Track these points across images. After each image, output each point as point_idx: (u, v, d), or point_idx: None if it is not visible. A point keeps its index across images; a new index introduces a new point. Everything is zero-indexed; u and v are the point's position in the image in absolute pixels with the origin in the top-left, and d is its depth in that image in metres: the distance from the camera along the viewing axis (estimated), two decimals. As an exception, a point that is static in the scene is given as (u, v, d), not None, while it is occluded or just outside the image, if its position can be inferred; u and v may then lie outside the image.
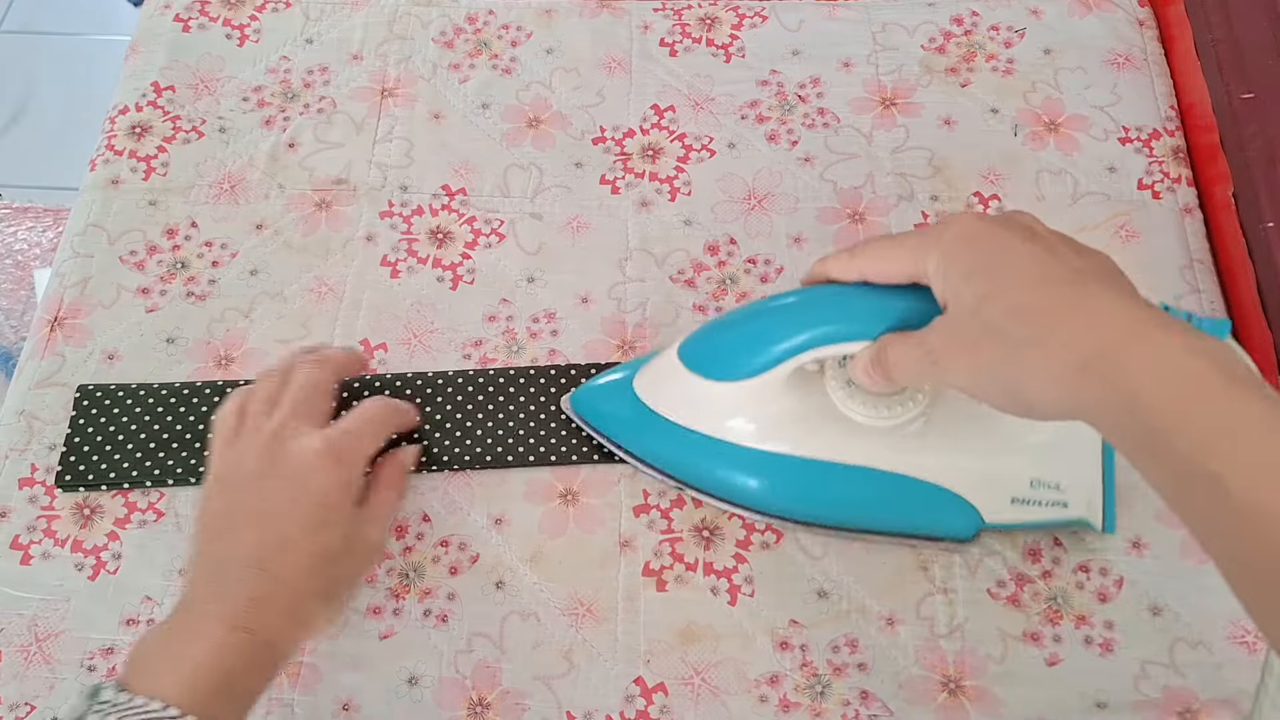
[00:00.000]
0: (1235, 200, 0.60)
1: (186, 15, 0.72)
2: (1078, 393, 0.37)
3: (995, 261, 0.40)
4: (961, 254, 0.41)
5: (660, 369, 0.51)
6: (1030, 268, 0.39)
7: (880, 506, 0.51)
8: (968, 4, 0.70)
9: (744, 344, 0.48)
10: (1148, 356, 0.36)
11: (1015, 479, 0.50)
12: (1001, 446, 0.50)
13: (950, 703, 0.50)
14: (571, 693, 0.51)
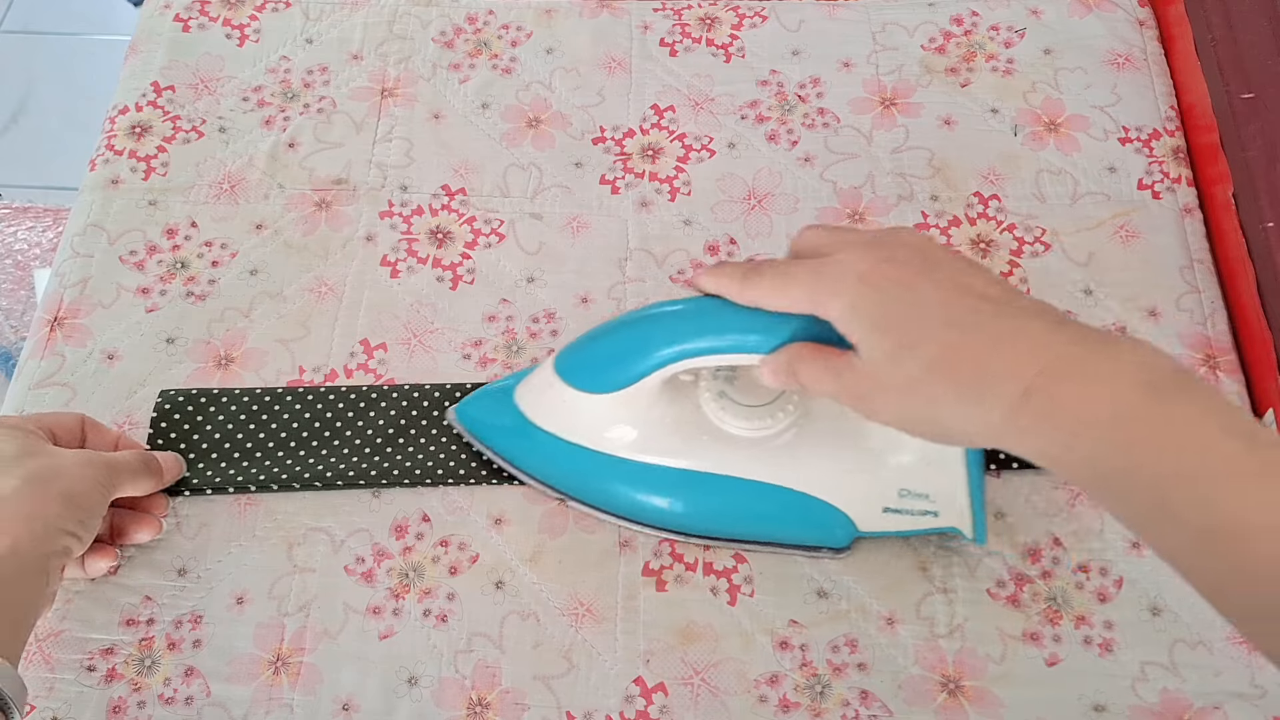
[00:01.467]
0: (1235, 200, 0.60)
1: (186, 15, 0.72)
2: (1015, 436, 0.37)
3: (902, 310, 0.38)
4: (865, 302, 0.39)
5: (538, 381, 0.51)
6: (938, 311, 0.38)
7: (756, 517, 0.52)
8: (968, 4, 0.70)
9: (615, 355, 0.48)
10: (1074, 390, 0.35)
11: (885, 489, 0.50)
12: (871, 458, 0.50)
13: (950, 703, 0.50)
14: (571, 693, 0.51)
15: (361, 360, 0.59)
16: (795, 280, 0.41)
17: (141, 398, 0.58)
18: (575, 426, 0.51)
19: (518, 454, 0.54)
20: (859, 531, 0.51)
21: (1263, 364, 0.56)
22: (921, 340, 0.38)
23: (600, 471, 0.52)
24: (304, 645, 0.52)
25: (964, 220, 0.62)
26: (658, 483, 0.51)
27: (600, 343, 0.49)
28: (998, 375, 0.36)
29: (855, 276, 0.39)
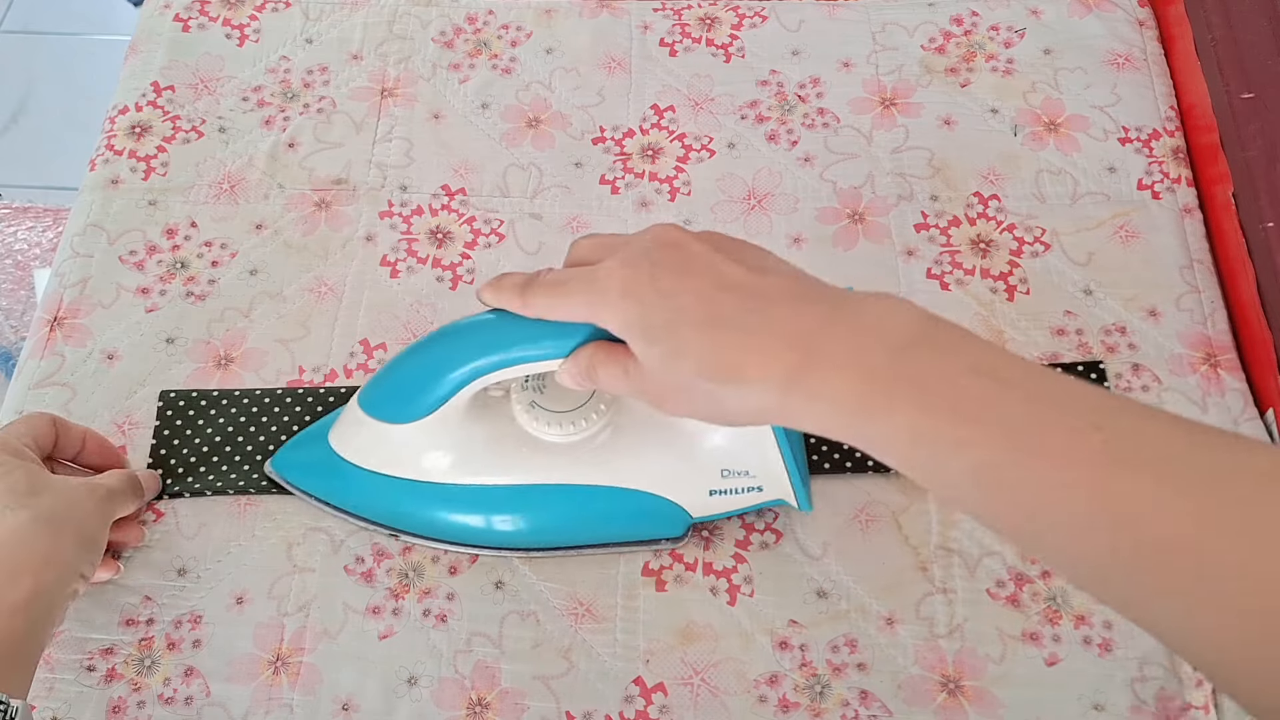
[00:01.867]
0: (1235, 200, 0.60)
1: (186, 15, 0.72)
2: (792, 418, 0.38)
3: (665, 318, 0.39)
4: (631, 316, 0.40)
5: (347, 421, 0.51)
6: (697, 313, 0.39)
7: (589, 520, 0.52)
8: (968, 4, 0.70)
9: (414, 382, 0.48)
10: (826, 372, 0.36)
11: (707, 473, 0.50)
12: (687, 445, 0.50)
13: (949, 703, 0.50)
14: (571, 692, 0.51)
15: (361, 360, 0.59)
16: (569, 293, 0.42)
17: (141, 398, 0.58)
18: (392, 460, 0.51)
19: (341, 496, 0.53)
20: (692, 518, 0.52)
21: (1263, 364, 0.56)
22: (687, 345, 0.39)
23: (425, 501, 0.51)
24: (304, 645, 0.52)
25: (964, 220, 0.62)
26: (485, 503, 0.51)
27: (398, 372, 0.49)
28: (760, 367, 0.38)
29: (618, 291, 0.40)
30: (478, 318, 0.46)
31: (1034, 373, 0.35)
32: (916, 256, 0.61)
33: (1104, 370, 0.57)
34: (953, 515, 0.54)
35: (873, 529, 0.54)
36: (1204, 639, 0.31)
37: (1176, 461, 0.32)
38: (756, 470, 0.50)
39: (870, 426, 0.36)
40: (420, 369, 0.48)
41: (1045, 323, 0.59)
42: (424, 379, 0.47)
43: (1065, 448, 0.32)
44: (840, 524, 0.54)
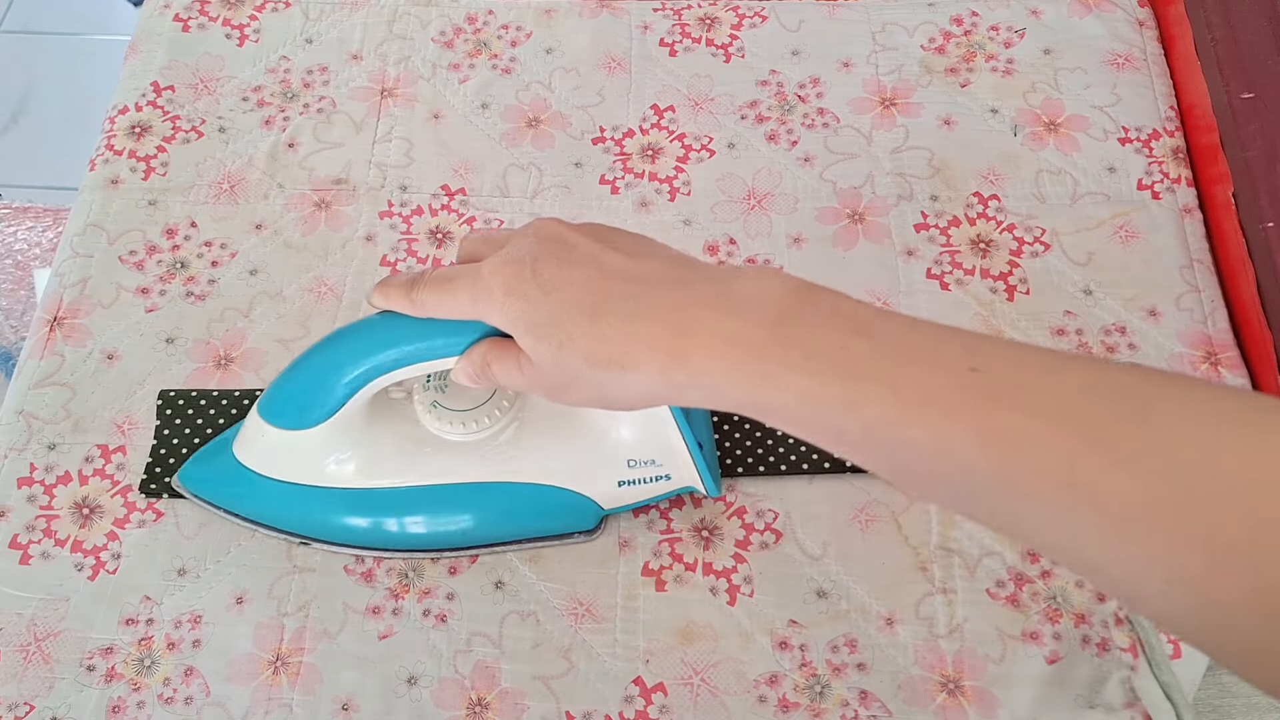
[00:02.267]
0: (1235, 200, 0.60)
1: (186, 15, 0.72)
2: (678, 396, 0.39)
3: (548, 313, 0.40)
4: (515, 314, 0.40)
5: (249, 430, 0.50)
6: (577, 305, 0.39)
7: (500, 518, 0.52)
8: (968, 4, 0.70)
9: (310, 388, 0.47)
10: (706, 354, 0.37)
11: (613, 464, 0.50)
12: (592, 436, 0.50)
13: (949, 703, 0.50)
14: (571, 692, 0.51)
15: (361, 360, 0.59)
16: (454, 291, 0.42)
17: (141, 398, 0.58)
18: (295, 467, 0.50)
19: (249, 507, 0.53)
20: (603, 510, 0.52)
21: (1263, 363, 0.56)
22: (572, 337, 0.39)
23: (332, 507, 0.51)
24: (303, 645, 0.52)
25: (964, 220, 0.62)
26: (392, 505, 0.51)
27: (294, 378, 0.48)
28: (644, 352, 0.38)
29: (502, 289, 0.41)
30: (372, 318, 0.45)
31: (909, 325, 0.36)
32: (916, 256, 0.61)
33: (1104, 370, 0.57)
34: (953, 515, 0.54)
35: (873, 529, 0.54)
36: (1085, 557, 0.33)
37: (1049, 393, 0.33)
38: (662, 459, 0.50)
39: (759, 397, 0.37)
40: (316, 374, 0.47)
41: (1045, 323, 0.59)
42: (320, 384, 0.47)
43: (946, 392, 0.34)
44: (840, 524, 0.54)
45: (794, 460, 0.55)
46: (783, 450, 0.55)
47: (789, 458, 0.55)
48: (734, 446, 0.56)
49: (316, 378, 0.47)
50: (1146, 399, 0.32)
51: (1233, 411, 0.31)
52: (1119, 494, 0.31)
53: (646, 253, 0.41)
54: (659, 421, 0.48)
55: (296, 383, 0.48)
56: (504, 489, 0.51)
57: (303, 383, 0.48)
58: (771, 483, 0.55)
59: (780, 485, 0.55)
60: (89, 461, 0.57)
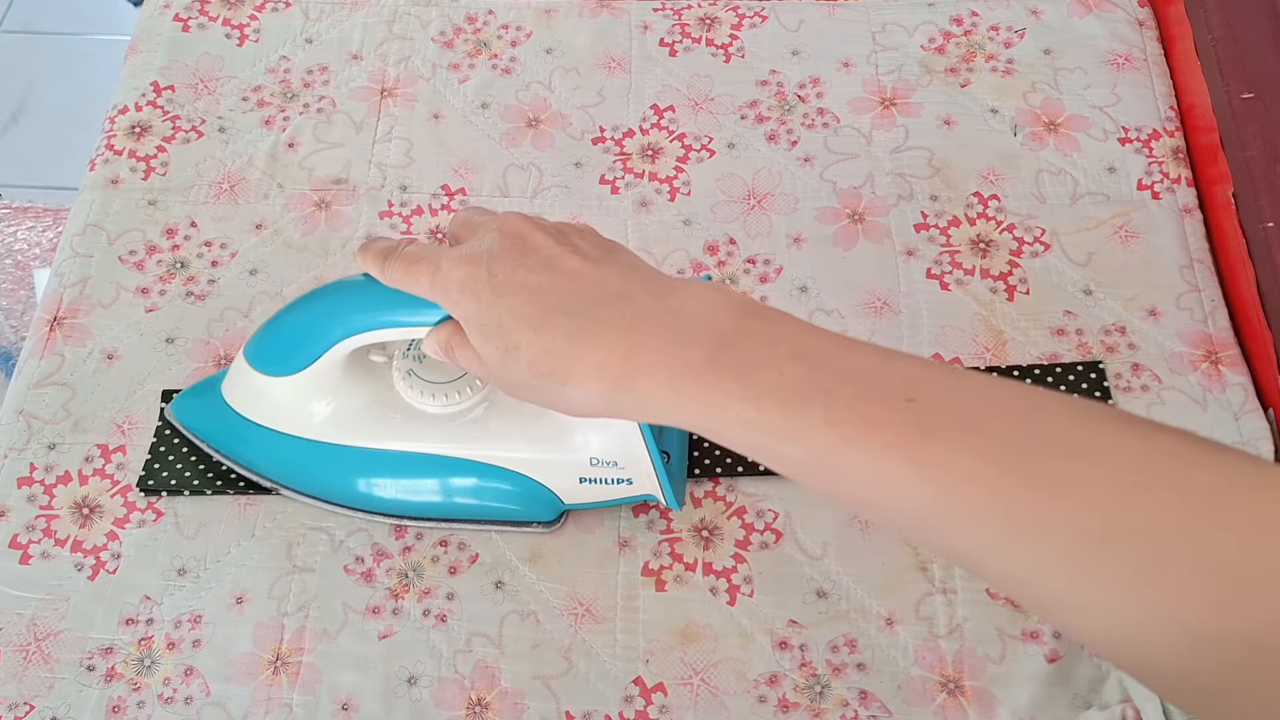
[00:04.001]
0: (1235, 200, 0.60)
1: (186, 15, 0.72)
2: (623, 413, 0.39)
3: (497, 317, 0.40)
4: (466, 310, 0.41)
5: (234, 370, 0.52)
6: (525, 313, 0.39)
7: (458, 494, 0.52)
8: (967, 4, 0.70)
9: (291, 336, 0.49)
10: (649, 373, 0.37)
11: (577, 460, 0.50)
12: (558, 429, 0.50)
13: (949, 703, 0.50)
14: (570, 693, 0.51)
15: (361, 360, 0.59)
16: (417, 276, 0.43)
17: (141, 398, 0.58)
18: (272, 412, 0.52)
19: (227, 445, 0.54)
20: (564, 504, 0.52)
21: (1263, 363, 0.56)
22: (517, 345, 0.39)
23: (301, 456, 0.52)
24: (303, 645, 0.52)
25: (964, 220, 0.62)
26: (359, 465, 0.52)
27: (278, 325, 0.50)
28: (587, 371, 0.38)
29: (457, 285, 0.41)
30: (356, 278, 0.46)
31: (847, 348, 0.36)
32: (916, 256, 0.61)
33: (1104, 370, 0.57)
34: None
35: (873, 529, 0.54)
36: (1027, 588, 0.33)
37: (985, 425, 0.33)
38: (625, 463, 0.50)
39: (704, 422, 0.37)
40: (297, 324, 0.49)
41: (1045, 323, 0.59)
42: (299, 334, 0.48)
43: (882, 422, 0.33)
44: (840, 524, 0.54)
45: None
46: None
47: None
48: (733, 446, 0.56)
49: (297, 328, 0.48)
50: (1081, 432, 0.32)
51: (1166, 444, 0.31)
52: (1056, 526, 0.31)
53: (605, 259, 0.41)
54: (624, 426, 0.48)
55: (279, 330, 0.49)
56: (466, 465, 0.51)
57: (284, 331, 0.49)
58: (771, 483, 0.55)
59: (780, 485, 0.55)
60: (89, 461, 0.57)
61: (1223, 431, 0.55)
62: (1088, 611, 0.31)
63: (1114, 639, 0.31)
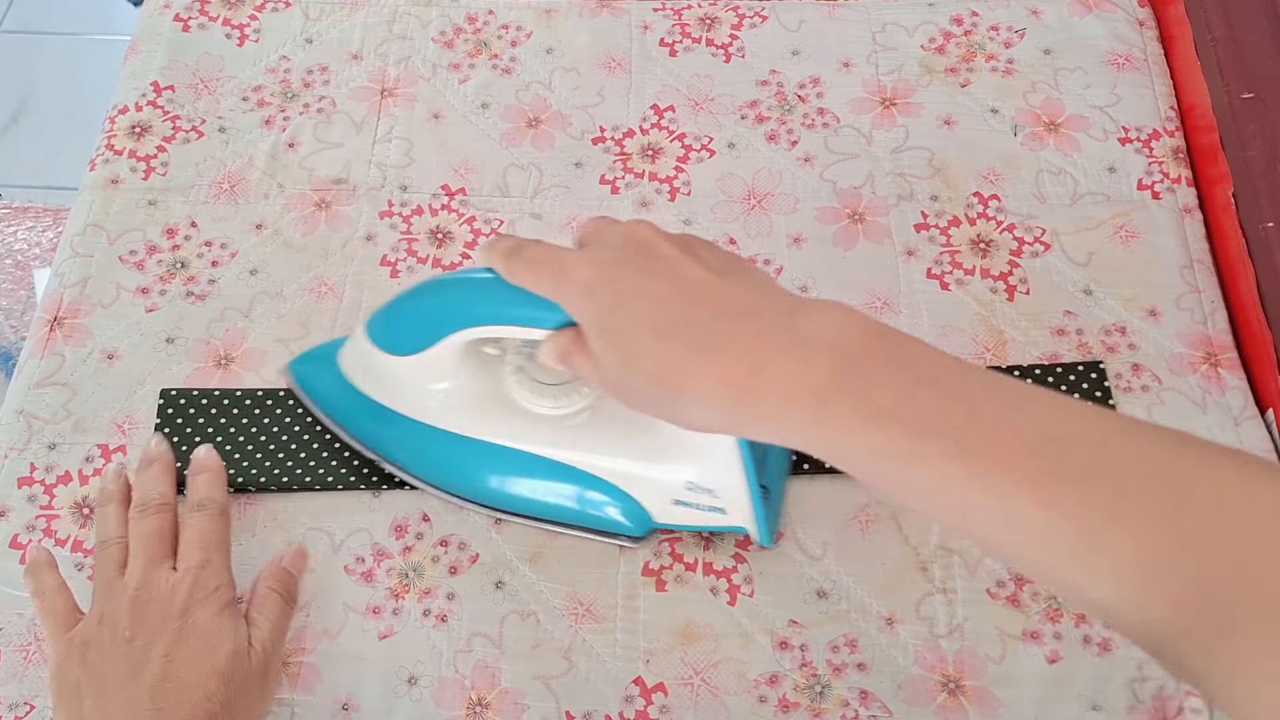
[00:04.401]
0: (1235, 200, 0.60)
1: (186, 15, 0.72)
2: (741, 430, 0.39)
3: (619, 323, 0.39)
4: (589, 316, 0.40)
5: (354, 342, 0.53)
6: (648, 321, 0.39)
7: (549, 495, 0.52)
8: (968, 4, 0.70)
9: (414, 318, 0.49)
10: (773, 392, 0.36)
11: (673, 480, 0.49)
12: (660, 446, 0.49)
13: (950, 703, 0.50)
14: (571, 692, 0.51)
15: (361, 360, 0.59)
16: (541, 276, 0.42)
17: (141, 398, 0.58)
18: (382, 387, 0.52)
19: (337, 411, 0.55)
20: (653, 522, 0.51)
21: (1263, 364, 0.56)
22: (638, 353, 0.39)
23: (405, 435, 0.52)
24: (304, 645, 0.52)
25: (964, 220, 0.62)
26: (457, 451, 0.52)
27: (403, 305, 0.50)
28: (708, 385, 0.37)
29: (580, 289, 0.41)
30: (481, 270, 0.46)
31: (983, 380, 0.35)
32: (916, 256, 0.61)
33: (1104, 370, 0.57)
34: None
35: (873, 529, 0.54)
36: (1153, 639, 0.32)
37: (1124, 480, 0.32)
38: (722, 492, 0.49)
39: (824, 443, 0.36)
40: (420, 307, 0.49)
41: (1045, 323, 0.59)
42: (421, 317, 0.49)
43: (1018, 461, 0.33)
44: (840, 524, 0.54)
45: (795, 460, 0.55)
46: (783, 450, 0.55)
47: (790, 457, 0.55)
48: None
49: (419, 311, 0.49)
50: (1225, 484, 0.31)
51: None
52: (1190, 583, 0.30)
53: (730, 271, 0.40)
54: (727, 455, 0.47)
55: (402, 311, 0.50)
56: (563, 469, 0.51)
57: (407, 313, 0.49)
58: (771, 483, 0.55)
59: (780, 485, 0.55)
60: (89, 461, 0.57)
61: (1222, 436, 0.55)
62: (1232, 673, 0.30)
63: None
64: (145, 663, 0.46)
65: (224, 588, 0.50)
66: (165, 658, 0.46)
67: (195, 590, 0.49)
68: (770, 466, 0.52)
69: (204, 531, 0.51)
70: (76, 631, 0.49)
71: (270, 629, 0.50)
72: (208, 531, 0.51)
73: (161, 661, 0.46)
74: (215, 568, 0.50)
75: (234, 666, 0.47)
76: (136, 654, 0.46)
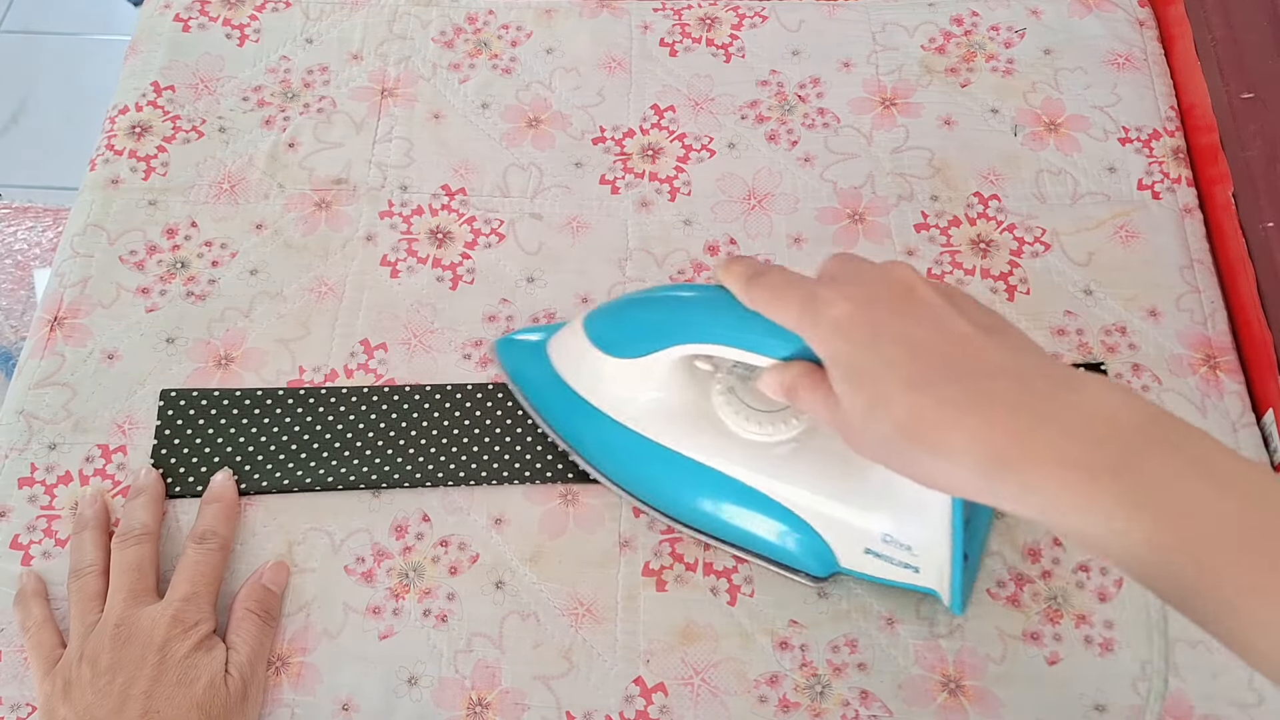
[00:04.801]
0: (1235, 200, 0.60)
1: (186, 15, 0.72)
2: (991, 498, 0.36)
3: (871, 366, 0.37)
4: (839, 354, 0.38)
5: (567, 333, 0.53)
6: (905, 369, 0.37)
7: (737, 519, 0.51)
8: (968, 4, 0.70)
9: (637, 323, 0.49)
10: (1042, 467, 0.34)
11: (870, 528, 0.48)
12: (862, 491, 0.48)
13: (950, 703, 0.50)
14: (571, 693, 0.51)
15: (362, 360, 0.59)
16: (786, 304, 0.41)
17: (141, 398, 0.58)
18: (590, 385, 0.52)
19: (537, 397, 0.55)
20: (838, 565, 0.50)
21: (1262, 364, 0.56)
22: (888, 400, 0.37)
23: (601, 433, 0.52)
24: (304, 645, 0.52)
25: (964, 220, 0.62)
26: (651, 460, 0.51)
27: (629, 309, 0.50)
28: (967, 446, 0.35)
29: (832, 323, 0.39)
30: (713, 286, 0.45)
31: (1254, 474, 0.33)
32: (917, 256, 0.61)
33: (1105, 370, 0.57)
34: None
35: (873, 529, 0.54)
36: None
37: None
38: (920, 552, 0.47)
39: (1084, 523, 0.34)
40: (646, 315, 0.48)
41: (1045, 323, 0.59)
42: (646, 325, 0.48)
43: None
44: (840, 524, 0.54)
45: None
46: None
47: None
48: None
49: (644, 319, 0.48)
50: None
51: None
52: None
53: (995, 328, 0.38)
54: (936, 514, 0.45)
55: (626, 315, 0.50)
56: (755, 496, 0.49)
57: (630, 316, 0.49)
58: (772, 483, 0.55)
59: (780, 485, 0.55)
60: (89, 461, 0.57)
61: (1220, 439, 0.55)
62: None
63: None
64: (126, 700, 0.46)
65: (204, 623, 0.49)
66: (145, 694, 0.46)
67: (174, 624, 0.48)
68: (974, 530, 0.49)
69: (199, 564, 0.51)
70: (58, 670, 0.49)
71: (249, 653, 0.50)
72: (203, 565, 0.51)
73: (142, 699, 0.46)
74: (199, 602, 0.50)
75: (212, 697, 0.47)
76: (117, 692, 0.46)
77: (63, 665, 0.49)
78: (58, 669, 0.49)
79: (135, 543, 0.52)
